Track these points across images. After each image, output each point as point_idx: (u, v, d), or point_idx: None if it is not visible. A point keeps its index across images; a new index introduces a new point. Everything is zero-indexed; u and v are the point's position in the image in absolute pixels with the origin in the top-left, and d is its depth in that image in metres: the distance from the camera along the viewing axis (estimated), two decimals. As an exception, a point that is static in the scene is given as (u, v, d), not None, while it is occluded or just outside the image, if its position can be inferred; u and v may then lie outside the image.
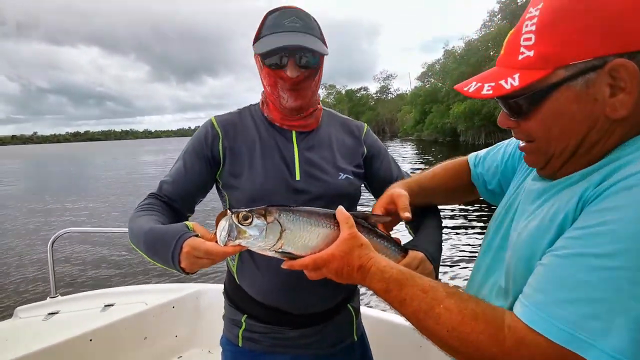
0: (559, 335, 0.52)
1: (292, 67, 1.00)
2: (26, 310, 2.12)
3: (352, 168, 1.14)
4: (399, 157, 25.11)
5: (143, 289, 2.42)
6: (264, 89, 1.11)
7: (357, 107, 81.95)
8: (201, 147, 1.10)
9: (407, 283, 0.68)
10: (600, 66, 0.55)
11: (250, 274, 1.11)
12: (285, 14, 1.01)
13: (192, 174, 1.10)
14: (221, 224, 0.81)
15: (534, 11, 0.61)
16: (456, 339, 0.60)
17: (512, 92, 0.61)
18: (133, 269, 5.73)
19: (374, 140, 1.24)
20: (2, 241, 8.23)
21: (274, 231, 0.80)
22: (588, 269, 0.52)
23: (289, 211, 0.83)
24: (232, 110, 1.18)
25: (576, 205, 0.58)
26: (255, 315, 1.12)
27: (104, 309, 2.13)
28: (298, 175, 1.07)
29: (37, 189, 18.27)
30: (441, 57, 50.91)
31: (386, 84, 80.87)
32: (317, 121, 1.15)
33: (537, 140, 0.65)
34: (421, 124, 48.90)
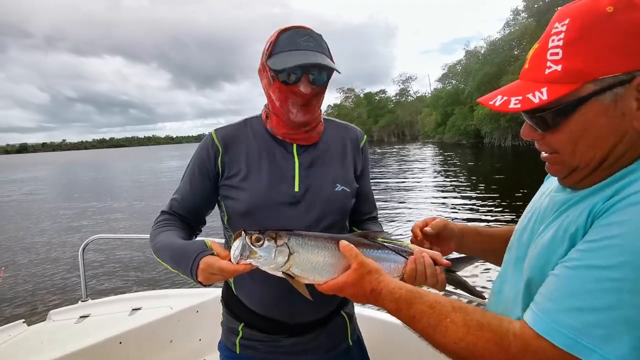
0: (563, 340, 0.55)
1: (306, 84, 1.04)
2: (59, 313, 2.21)
3: (348, 180, 1.18)
4: (420, 160, 24.82)
5: (168, 293, 2.48)
6: (271, 102, 1.13)
7: (376, 110, 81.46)
8: (203, 163, 1.14)
9: (415, 301, 0.72)
10: (628, 81, 0.57)
11: (246, 286, 1.16)
12: (299, 33, 1.05)
13: (197, 191, 1.16)
14: (235, 243, 0.88)
15: (559, 27, 0.62)
16: (464, 350, 0.63)
17: (540, 106, 0.62)
18: (158, 274, 5.90)
19: (368, 154, 1.29)
20: (36, 246, 8.61)
21: (283, 254, 0.88)
22: (594, 280, 0.55)
23: (298, 236, 0.90)
24: (234, 122, 1.22)
25: (586, 219, 0.61)
26: (252, 324, 1.17)
27: (131, 313, 2.20)
28: (297, 187, 1.11)
29: (67, 194, 19.01)
30: (462, 57, 50.21)
31: (405, 87, 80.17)
32: (318, 135, 1.18)
33: (561, 152, 0.66)
34: (443, 127, 48.16)
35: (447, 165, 19.77)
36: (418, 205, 10.47)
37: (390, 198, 11.78)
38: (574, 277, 0.57)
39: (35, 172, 42.32)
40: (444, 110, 47.52)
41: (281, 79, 1.05)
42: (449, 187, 13.29)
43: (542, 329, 0.57)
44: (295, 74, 1.03)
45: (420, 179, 15.82)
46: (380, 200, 11.37)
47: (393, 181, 15.59)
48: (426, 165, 20.67)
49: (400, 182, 15.13)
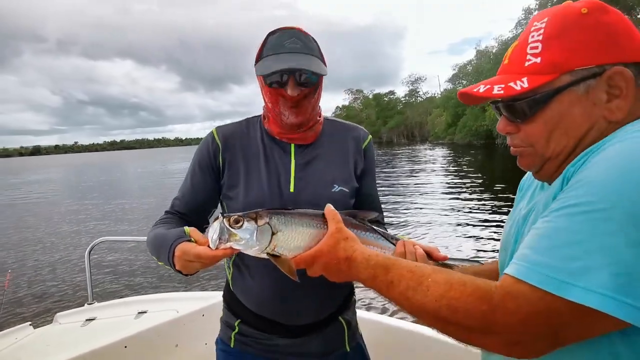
0: (540, 279, 0.53)
1: (292, 86, 1.04)
2: (65, 316, 2.21)
3: (347, 180, 1.16)
4: (431, 162, 24.63)
5: (174, 296, 2.47)
6: (265, 104, 1.15)
7: (385, 111, 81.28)
8: (204, 160, 1.15)
9: (393, 266, 0.70)
10: (599, 74, 0.63)
11: (243, 284, 1.16)
12: (285, 35, 1.05)
13: (199, 189, 1.16)
14: (212, 227, 0.84)
15: (539, 24, 0.68)
16: (445, 307, 0.61)
17: (520, 94, 0.66)
18: (164, 277, 5.88)
19: (372, 155, 1.26)
20: (44, 248, 8.70)
21: (265, 234, 0.83)
22: (565, 218, 0.55)
23: (280, 214, 0.86)
24: (236, 121, 1.23)
25: (561, 183, 0.62)
26: (248, 321, 1.17)
27: (137, 316, 2.19)
28: (292, 187, 1.11)
29: (77, 196, 19.27)
30: (473, 57, 49.86)
31: (415, 87, 79.78)
32: (315, 135, 1.17)
33: (535, 145, 0.69)
34: (453, 127, 47.84)
35: (459, 166, 19.51)
36: (429, 207, 10.33)
37: (401, 200, 11.66)
38: (549, 222, 0.57)
39: (48, 174, 43.07)
40: (455, 111, 47.17)
41: (268, 82, 1.06)
42: (461, 188, 13.12)
43: (519, 273, 0.56)
44: (282, 76, 1.03)
45: (431, 180, 15.64)
46: (391, 202, 11.28)
47: (404, 183, 15.47)
48: (437, 166, 20.45)
49: (412, 184, 15.00)
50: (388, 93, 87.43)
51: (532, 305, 0.54)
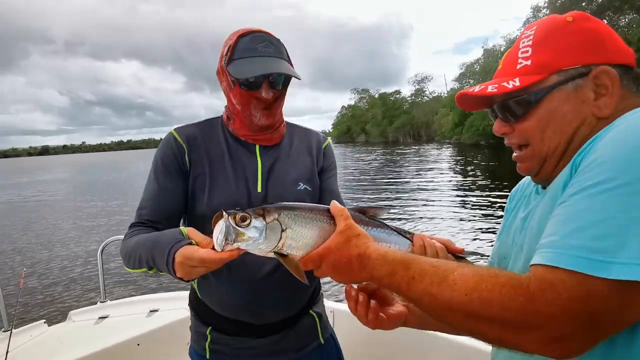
0: (576, 262, 0.50)
1: (267, 89, 1.06)
2: (79, 314, 2.24)
3: (310, 179, 1.19)
4: (437, 161, 24.51)
5: (185, 295, 2.46)
6: (231, 106, 1.13)
7: (391, 110, 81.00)
8: (170, 162, 1.10)
9: (414, 262, 0.66)
10: (586, 73, 0.67)
11: (210, 289, 1.13)
12: (257, 39, 1.06)
13: (167, 192, 1.09)
14: (217, 227, 0.76)
15: (528, 32, 0.74)
16: (477, 301, 0.56)
17: (513, 92, 0.70)
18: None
19: (332, 155, 1.30)
20: (57, 248, 8.81)
21: (275, 231, 0.76)
22: (589, 198, 0.53)
23: (289, 208, 0.79)
24: (194, 122, 1.20)
25: (570, 170, 0.62)
26: (219, 327, 1.15)
27: (149, 315, 2.21)
28: (260, 187, 1.11)
29: (87, 195, 19.48)
30: (480, 56, 49.54)
31: (421, 87, 79.38)
32: (280, 136, 1.20)
33: (531, 142, 0.72)
34: (460, 127, 47.52)
35: (466, 165, 19.47)
36: (437, 206, 10.28)
37: (408, 199, 11.63)
38: (569, 207, 0.56)
39: (57, 174, 43.53)
40: (462, 111, 46.38)
41: (243, 84, 1.06)
42: (468, 187, 13.05)
43: (552, 260, 0.53)
44: (255, 80, 1.05)
45: (439, 179, 15.54)
46: (397, 202, 11.25)
47: (411, 182, 15.41)
48: (445, 165, 20.41)
49: (419, 183, 14.94)
50: (394, 92, 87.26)
51: (571, 291, 0.50)
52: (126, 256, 1.00)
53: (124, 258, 1.01)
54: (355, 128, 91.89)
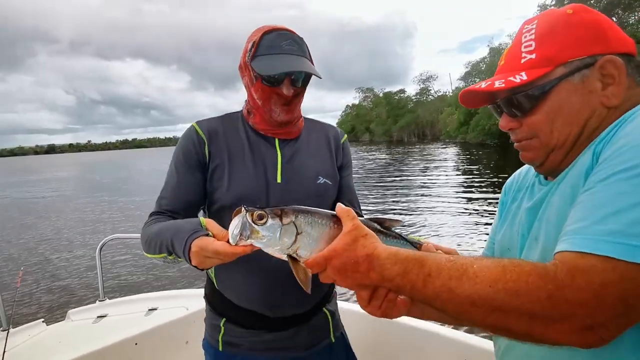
0: (610, 248, 0.49)
1: (288, 86, 1.09)
2: (77, 313, 2.23)
3: (330, 173, 1.22)
4: (443, 161, 24.38)
5: (184, 293, 2.47)
6: (252, 100, 1.16)
7: (396, 110, 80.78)
8: (190, 154, 1.13)
9: (428, 258, 0.62)
10: (592, 64, 0.66)
11: (228, 278, 1.16)
12: (282, 36, 1.09)
13: (187, 184, 1.13)
14: (234, 221, 0.78)
15: (529, 27, 0.73)
16: (502, 292, 0.53)
17: (520, 86, 0.68)
18: (174, 274, 5.94)
19: (349, 151, 1.32)
20: (56, 245, 8.84)
21: (290, 233, 0.76)
22: (619, 183, 0.52)
23: (307, 213, 0.78)
24: (215, 116, 1.22)
25: (592, 159, 0.61)
26: (233, 319, 1.17)
27: (148, 313, 2.19)
28: (279, 178, 1.14)
29: (89, 193, 19.63)
30: (486, 55, 49.24)
31: (426, 86, 79.04)
32: (299, 130, 1.22)
33: (539, 135, 0.71)
34: (466, 126, 47.20)
35: (472, 165, 19.32)
36: (442, 206, 10.20)
37: (414, 199, 11.57)
38: (597, 192, 0.54)
39: (62, 172, 43.83)
40: (467, 110, 46.41)
41: (264, 80, 1.09)
42: (474, 187, 12.96)
43: (582, 246, 0.51)
44: (278, 76, 1.07)
45: (444, 179, 15.44)
46: (402, 202, 11.20)
47: (416, 181, 15.34)
48: (451, 165, 20.28)
49: (425, 182, 14.87)
50: (399, 92, 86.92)
51: (604, 277, 0.48)
52: (147, 242, 1.04)
53: (145, 244, 1.05)
54: (360, 127, 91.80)
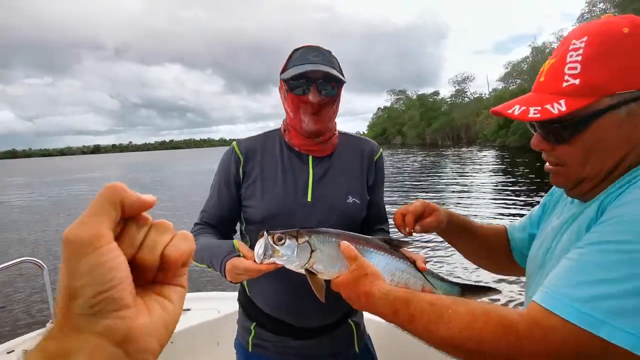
0: (573, 314, 0.53)
1: (315, 93, 1.11)
2: None
3: (360, 192, 1.23)
4: (479, 165, 23.61)
5: (215, 295, 2.53)
6: (287, 115, 1.21)
7: (429, 112, 79.05)
8: (227, 174, 1.22)
9: (414, 299, 0.69)
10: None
11: (258, 287, 1.23)
12: (310, 50, 1.15)
13: (224, 203, 1.23)
14: (258, 243, 0.91)
15: (578, 43, 0.65)
16: (469, 339, 0.60)
17: (558, 117, 0.64)
18: (205, 276, 6.04)
19: (382, 167, 1.33)
20: None
21: (305, 251, 0.90)
22: (604, 253, 0.54)
23: (319, 233, 0.92)
24: (255, 134, 1.30)
25: (596, 212, 0.62)
26: (263, 324, 1.24)
27: (183, 313, 2.27)
28: (309, 197, 1.17)
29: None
30: (529, 55, 47.29)
31: (462, 87, 76.84)
32: (333, 147, 1.24)
33: (569, 165, 0.68)
34: (505, 129, 45.49)
35: (509, 172, 18.70)
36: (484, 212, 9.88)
37: (453, 202, 11.29)
38: (584, 255, 0.57)
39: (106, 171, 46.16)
40: (508, 112, 44.56)
41: (292, 87, 1.13)
42: (518, 192, 12.47)
43: (550, 304, 0.56)
44: (304, 84, 1.11)
45: (485, 183, 14.95)
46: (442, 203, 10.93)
47: (455, 185, 14.95)
48: (493, 169, 19.70)
49: (464, 187, 14.47)
50: (432, 94, 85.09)
51: (561, 338, 0.53)
52: (196, 253, 1.16)
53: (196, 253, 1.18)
54: (391, 130, 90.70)
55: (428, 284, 0.97)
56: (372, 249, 0.95)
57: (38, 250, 8.66)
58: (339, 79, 1.13)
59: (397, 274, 0.95)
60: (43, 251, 8.56)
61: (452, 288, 1.01)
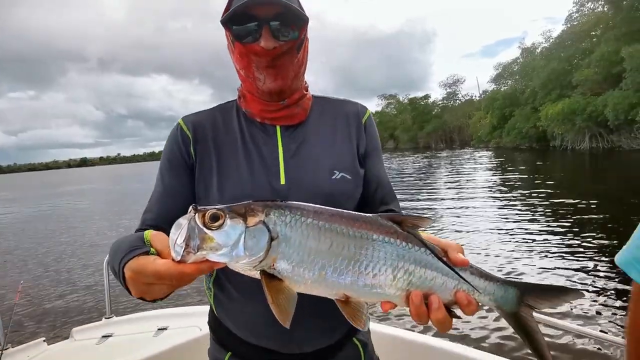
0: None
1: (267, 38, 0.84)
2: (82, 332, 2.08)
3: (348, 165, 0.96)
4: (475, 167, 23.50)
5: (197, 310, 2.27)
6: (239, 76, 0.95)
7: (422, 115, 79.38)
8: (174, 156, 0.94)
9: None
10: None
11: (228, 304, 0.94)
12: None
13: (173, 192, 0.92)
14: (176, 226, 0.56)
15: None
16: None
17: None
18: (186, 289, 5.57)
19: (375, 131, 1.05)
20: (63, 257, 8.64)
21: (258, 240, 0.56)
22: None
23: (285, 208, 0.59)
24: (205, 109, 1.02)
25: None
26: (239, 354, 0.94)
27: (156, 333, 2.00)
28: (283, 179, 0.90)
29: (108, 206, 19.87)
30: (519, 56, 47.79)
31: (453, 90, 77.27)
32: (305, 112, 0.97)
33: None
34: (499, 130, 45.57)
35: (508, 172, 18.60)
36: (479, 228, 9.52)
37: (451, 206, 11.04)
38: None
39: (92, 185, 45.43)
40: (501, 113, 44.94)
41: (236, 32, 0.86)
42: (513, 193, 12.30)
43: None
44: (253, 29, 0.85)
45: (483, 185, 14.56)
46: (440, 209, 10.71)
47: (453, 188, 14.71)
48: (481, 172, 19.68)
49: (462, 189, 14.27)
50: (424, 97, 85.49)
51: None
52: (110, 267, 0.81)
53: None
54: (384, 134, 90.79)
55: (465, 286, 0.66)
56: (376, 235, 0.64)
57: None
58: (299, 16, 0.85)
59: (417, 273, 0.64)
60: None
61: (506, 291, 0.68)
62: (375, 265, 0.63)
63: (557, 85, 33.63)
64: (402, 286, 0.64)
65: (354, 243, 0.62)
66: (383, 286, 0.63)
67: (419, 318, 0.64)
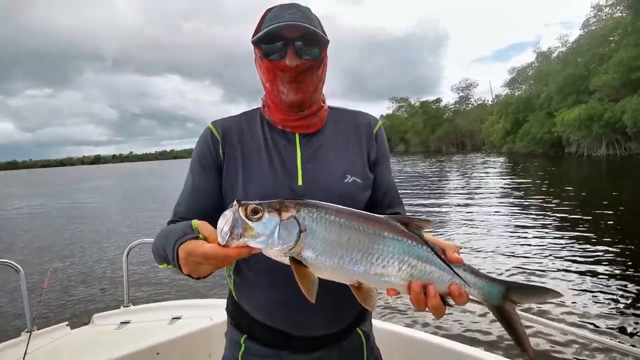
0: None
1: (292, 57, 0.96)
2: (102, 318, 2.21)
3: (360, 170, 1.06)
4: (486, 173, 23.32)
5: (209, 303, 2.38)
6: (264, 88, 1.06)
7: (433, 119, 78.78)
8: (205, 157, 1.05)
9: None
10: None
11: (248, 289, 1.05)
12: (284, 7, 0.99)
13: (203, 190, 1.04)
14: (223, 217, 0.69)
15: None
16: None
17: None
18: (200, 282, 5.81)
19: (385, 141, 1.16)
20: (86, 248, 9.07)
21: (290, 231, 0.68)
22: None
23: (313, 206, 0.71)
24: (233, 115, 1.13)
25: None
26: (255, 336, 1.05)
27: (171, 322, 2.12)
28: (300, 181, 1.01)
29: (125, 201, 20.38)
30: (534, 60, 47.16)
31: (466, 94, 76.52)
32: (321, 122, 1.08)
33: None
34: (512, 135, 44.96)
35: (520, 178, 18.40)
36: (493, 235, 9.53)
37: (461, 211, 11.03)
38: None
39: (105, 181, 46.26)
40: (515, 118, 44.32)
41: (265, 51, 0.98)
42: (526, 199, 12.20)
43: None
44: (279, 48, 0.97)
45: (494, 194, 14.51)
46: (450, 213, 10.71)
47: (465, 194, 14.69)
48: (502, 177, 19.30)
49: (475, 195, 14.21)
50: (435, 101, 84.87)
51: None
52: (154, 252, 0.95)
53: (154, 254, 0.96)
54: (394, 138, 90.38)
55: (458, 280, 0.77)
56: (386, 233, 0.75)
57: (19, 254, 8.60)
58: (320, 38, 0.97)
59: (418, 266, 0.75)
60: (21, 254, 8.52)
61: (493, 286, 0.79)
62: (385, 258, 0.75)
63: (573, 91, 33.07)
64: (405, 277, 0.76)
65: (368, 238, 0.74)
66: (390, 276, 0.76)
67: (418, 304, 0.77)
